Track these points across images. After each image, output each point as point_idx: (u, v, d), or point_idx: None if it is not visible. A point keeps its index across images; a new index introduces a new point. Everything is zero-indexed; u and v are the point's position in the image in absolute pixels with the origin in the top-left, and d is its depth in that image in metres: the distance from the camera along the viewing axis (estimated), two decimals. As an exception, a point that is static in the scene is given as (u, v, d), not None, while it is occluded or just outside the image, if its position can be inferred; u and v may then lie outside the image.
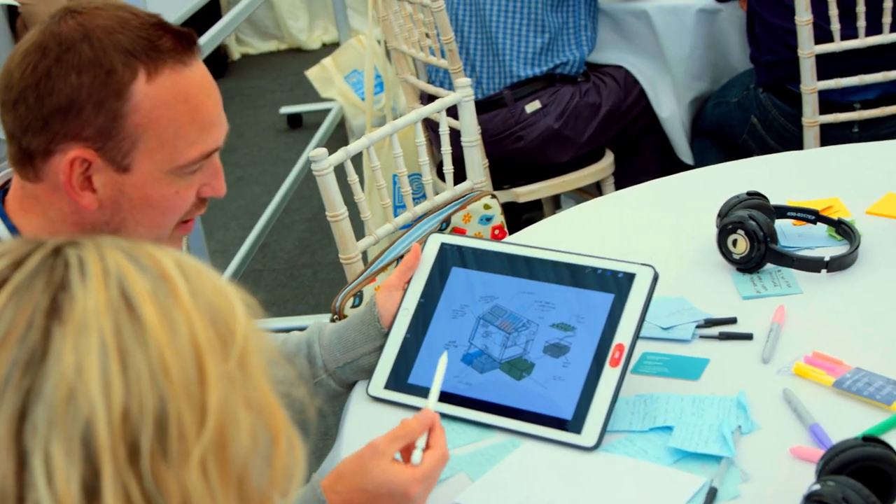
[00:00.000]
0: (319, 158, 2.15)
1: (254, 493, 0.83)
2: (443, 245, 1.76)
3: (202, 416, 0.80)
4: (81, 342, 0.78)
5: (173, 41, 1.42)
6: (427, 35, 3.38)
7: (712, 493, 1.40)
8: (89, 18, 1.40)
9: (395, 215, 2.42)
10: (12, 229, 1.48)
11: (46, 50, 1.38)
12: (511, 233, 2.24)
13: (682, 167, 3.55)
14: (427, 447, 1.41)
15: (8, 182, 1.53)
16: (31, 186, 1.46)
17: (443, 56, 3.32)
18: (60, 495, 0.75)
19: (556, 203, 3.98)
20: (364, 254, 2.36)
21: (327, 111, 5.55)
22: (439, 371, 1.48)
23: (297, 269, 4.39)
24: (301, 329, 1.80)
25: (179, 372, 0.79)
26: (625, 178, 3.60)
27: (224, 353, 0.83)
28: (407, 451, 1.42)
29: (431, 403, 1.45)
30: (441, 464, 1.40)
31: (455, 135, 2.46)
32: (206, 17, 4.60)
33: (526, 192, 3.53)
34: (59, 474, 0.75)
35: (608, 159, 3.60)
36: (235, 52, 7.20)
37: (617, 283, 1.61)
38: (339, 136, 5.30)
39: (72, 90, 1.37)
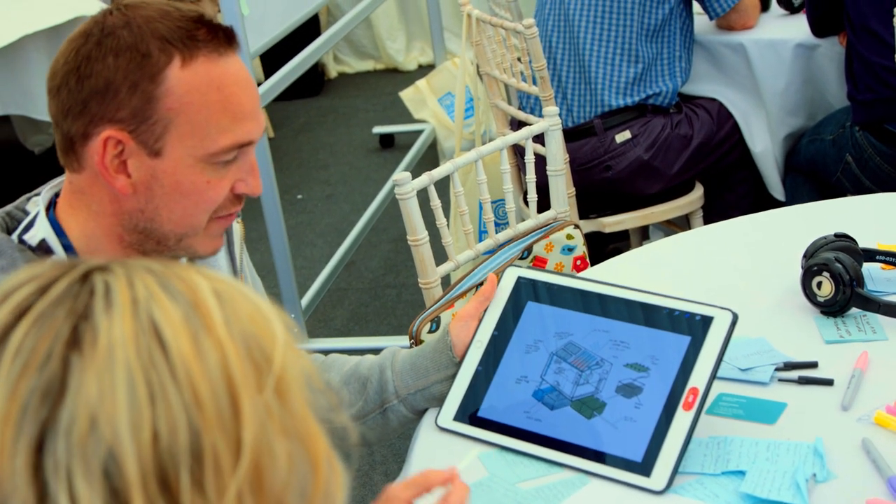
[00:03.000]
0: (403, 182, 2.15)
1: None
2: (519, 279, 1.75)
3: (237, 449, 0.78)
4: (105, 373, 0.76)
5: (210, 34, 1.45)
6: (519, 60, 3.37)
7: (782, 544, 1.36)
8: (133, 10, 1.44)
9: (479, 241, 2.41)
10: (59, 231, 1.50)
11: (89, 36, 1.43)
12: (595, 263, 2.22)
13: (773, 203, 3.50)
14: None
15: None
16: (76, 179, 1.49)
17: (534, 83, 3.31)
18: None
19: (643, 234, 3.94)
20: (447, 277, 2.36)
21: (419, 132, 5.57)
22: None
23: (382, 290, 4.40)
24: (378, 351, 1.80)
25: (212, 405, 0.77)
26: (714, 212, 3.56)
27: (259, 383, 0.80)
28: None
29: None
30: None
31: (541, 162, 2.45)
32: (305, 35, 4.64)
33: (612, 223, 3.50)
34: None
35: (697, 192, 3.56)
36: (332, 71, 7.26)
37: (694, 326, 1.58)
38: (430, 158, 5.31)
39: (109, 72, 1.41)
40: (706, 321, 1.58)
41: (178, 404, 0.76)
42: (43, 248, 1.49)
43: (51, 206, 1.54)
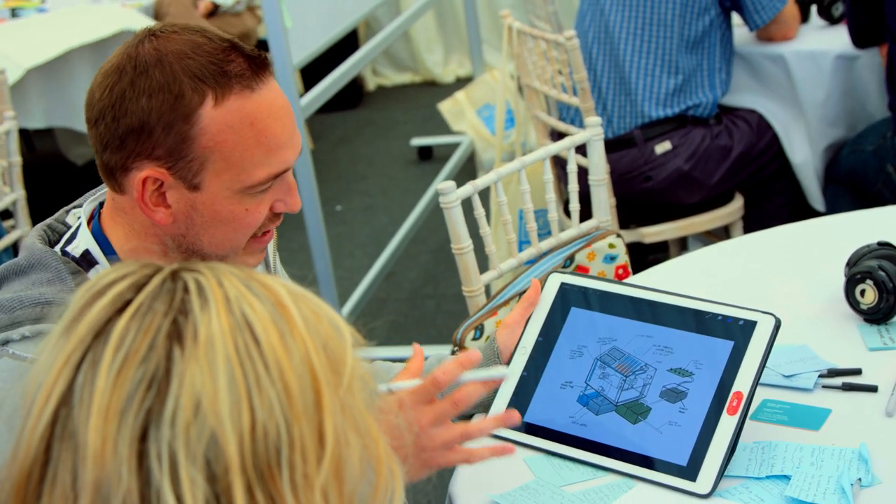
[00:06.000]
0: (447, 191, 2.17)
1: None
2: (563, 285, 1.76)
3: (321, 440, 0.82)
4: (207, 364, 0.80)
5: (243, 66, 1.45)
6: (560, 72, 3.39)
7: (828, 547, 1.37)
8: (165, 43, 1.44)
9: (520, 250, 2.42)
10: (103, 240, 1.52)
11: (123, 73, 1.43)
12: (635, 273, 2.23)
13: (813, 214, 3.50)
14: None
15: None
16: (118, 198, 1.51)
17: (575, 94, 3.33)
18: None
19: (682, 245, 3.95)
20: (487, 287, 2.37)
21: (457, 144, 5.60)
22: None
23: (421, 300, 4.42)
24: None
25: (300, 396, 0.82)
26: (754, 222, 3.56)
27: (336, 380, 0.85)
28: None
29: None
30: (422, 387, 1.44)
31: (583, 172, 2.47)
32: (343, 48, 4.68)
33: (652, 233, 3.51)
34: (187, 492, 0.77)
35: (737, 203, 3.57)
36: (371, 83, 7.31)
37: (737, 331, 1.60)
38: (468, 170, 5.33)
39: (143, 113, 1.42)
40: (749, 326, 1.59)
41: (272, 394, 0.81)
42: (86, 259, 1.51)
43: (93, 218, 1.56)
